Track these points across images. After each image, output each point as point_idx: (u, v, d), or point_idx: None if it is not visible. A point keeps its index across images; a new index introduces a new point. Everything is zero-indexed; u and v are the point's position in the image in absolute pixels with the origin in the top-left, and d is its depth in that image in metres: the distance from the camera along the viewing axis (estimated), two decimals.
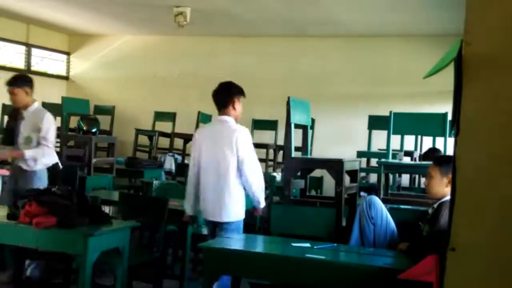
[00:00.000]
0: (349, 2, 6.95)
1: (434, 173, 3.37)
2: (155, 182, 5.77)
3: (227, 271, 3.38)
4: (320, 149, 8.34)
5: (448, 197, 3.11)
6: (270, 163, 8.60)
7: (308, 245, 3.40)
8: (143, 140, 9.06)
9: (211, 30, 9.10)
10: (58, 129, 7.99)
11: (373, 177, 7.44)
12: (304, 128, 5.02)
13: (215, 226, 3.96)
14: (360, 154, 7.30)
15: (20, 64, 9.72)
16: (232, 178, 3.86)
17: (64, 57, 10.62)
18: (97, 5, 7.90)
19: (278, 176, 6.83)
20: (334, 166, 4.37)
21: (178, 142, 8.79)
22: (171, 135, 8.84)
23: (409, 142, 6.78)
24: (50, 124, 4.71)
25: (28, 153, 4.59)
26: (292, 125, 4.57)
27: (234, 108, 3.98)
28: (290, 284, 3.19)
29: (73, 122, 7.85)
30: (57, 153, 7.49)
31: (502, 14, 1.38)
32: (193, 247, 4.60)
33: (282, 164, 7.49)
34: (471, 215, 1.38)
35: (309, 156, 5.19)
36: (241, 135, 3.90)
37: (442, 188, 3.35)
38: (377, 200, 3.65)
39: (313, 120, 7.29)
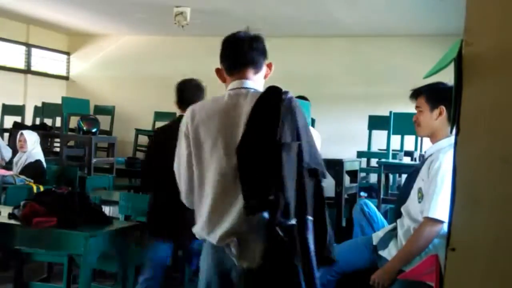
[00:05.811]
0: (349, 2, 6.95)
1: (423, 106, 2.82)
2: None
3: None
4: (320, 149, 8.32)
5: (442, 140, 2.74)
6: None
7: None
8: (143, 140, 9.05)
9: (211, 30, 9.09)
10: (58, 129, 8.06)
11: (373, 177, 7.44)
12: None
13: None
14: (360, 154, 7.30)
15: (20, 64, 9.72)
16: None
17: (64, 57, 10.62)
18: (97, 5, 7.90)
19: None
20: (334, 166, 4.37)
21: None
22: None
23: (409, 142, 6.78)
24: None
25: None
26: None
27: None
28: None
29: (73, 122, 7.85)
30: (57, 153, 7.56)
31: (502, 13, 1.38)
32: None
33: None
34: (471, 214, 1.38)
35: None
36: None
37: (432, 121, 2.78)
38: (368, 202, 3.63)
39: (313, 120, 7.28)
